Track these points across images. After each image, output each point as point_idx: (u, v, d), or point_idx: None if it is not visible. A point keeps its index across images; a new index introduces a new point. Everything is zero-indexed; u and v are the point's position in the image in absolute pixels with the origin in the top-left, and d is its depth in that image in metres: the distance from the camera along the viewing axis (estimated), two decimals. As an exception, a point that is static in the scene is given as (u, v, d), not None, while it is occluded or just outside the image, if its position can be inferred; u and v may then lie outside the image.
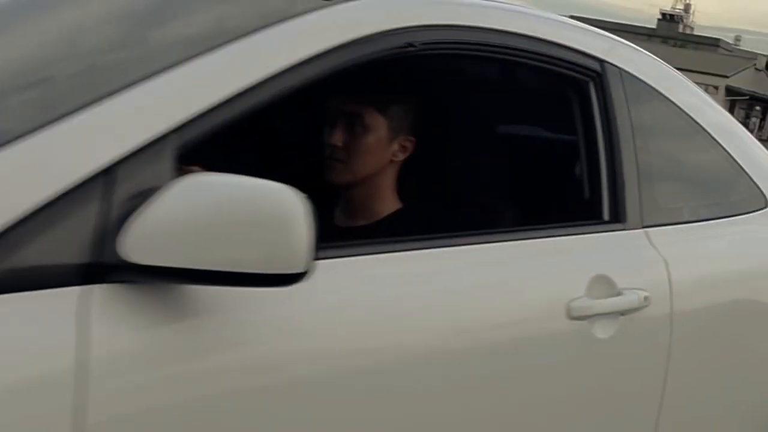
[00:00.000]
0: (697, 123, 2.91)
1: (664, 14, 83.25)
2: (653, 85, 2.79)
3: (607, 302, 2.41)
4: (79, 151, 1.67)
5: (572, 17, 3.61)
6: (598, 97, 2.62)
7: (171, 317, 1.69)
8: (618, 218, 2.58)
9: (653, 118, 2.78)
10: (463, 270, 2.20)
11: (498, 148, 2.93)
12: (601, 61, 2.65)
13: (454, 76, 2.86)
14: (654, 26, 79.30)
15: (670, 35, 70.69)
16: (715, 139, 2.95)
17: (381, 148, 2.56)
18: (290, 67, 1.96)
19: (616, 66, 2.68)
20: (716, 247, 2.83)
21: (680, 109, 2.87)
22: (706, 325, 2.72)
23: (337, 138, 2.53)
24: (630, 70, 2.72)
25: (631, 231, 2.59)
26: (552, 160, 2.83)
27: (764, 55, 66.57)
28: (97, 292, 1.63)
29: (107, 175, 1.67)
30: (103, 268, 1.64)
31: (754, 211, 3.01)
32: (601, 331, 2.39)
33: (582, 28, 2.73)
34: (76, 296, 1.61)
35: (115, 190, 1.67)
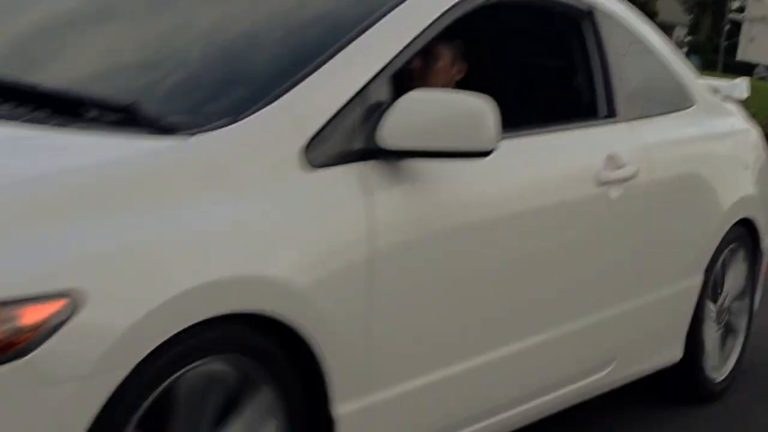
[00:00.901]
0: (649, 46, 4.04)
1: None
2: (621, 21, 3.89)
3: (616, 173, 3.51)
4: (347, 79, 2.65)
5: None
6: (591, 31, 3.69)
7: (407, 181, 2.71)
8: (611, 115, 3.68)
9: (624, 43, 3.87)
10: (525, 153, 3.24)
11: (527, 70, 3.98)
12: (590, 5, 3.72)
13: (496, 18, 3.88)
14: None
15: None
16: (662, 58, 4.08)
17: (446, 71, 3.56)
18: (426, 27, 2.95)
19: (600, 9, 3.76)
20: (671, 135, 3.97)
21: (638, 36, 3.98)
22: (668, 189, 3.86)
23: (416, 64, 3.52)
24: (607, 11, 3.80)
25: (620, 123, 3.70)
26: (563, 77, 3.89)
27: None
28: (368, 166, 2.62)
29: (363, 92, 2.65)
30: (369, 151, 2.62)
31: (687, 108, 4.18)
32: (614, 193, 3.49)
33: None
34: (358, 169, 2.60)
35: (369, 101, 2.65)
